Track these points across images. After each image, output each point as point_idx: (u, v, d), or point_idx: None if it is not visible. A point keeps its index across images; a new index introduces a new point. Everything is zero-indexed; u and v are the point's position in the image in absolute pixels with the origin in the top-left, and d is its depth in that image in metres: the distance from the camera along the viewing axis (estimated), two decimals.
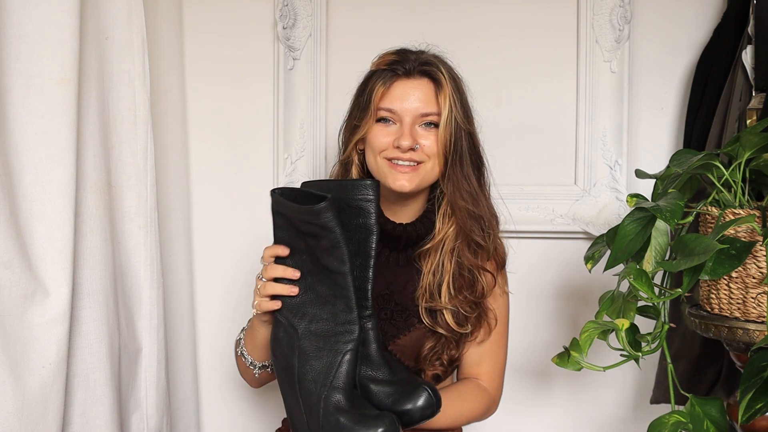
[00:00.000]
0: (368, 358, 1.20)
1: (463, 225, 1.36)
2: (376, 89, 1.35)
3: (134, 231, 1.52)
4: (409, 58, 1.37)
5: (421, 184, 1.36)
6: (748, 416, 1.15)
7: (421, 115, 1.34)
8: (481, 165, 1.41)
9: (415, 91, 1.34)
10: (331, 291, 1.17)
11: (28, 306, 1.22)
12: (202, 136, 1.92)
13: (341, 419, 1.11)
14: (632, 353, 1.23)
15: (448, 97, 1.33)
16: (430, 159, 1.35)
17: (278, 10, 1.85)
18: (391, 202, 1.40)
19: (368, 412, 1.13)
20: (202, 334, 1.93)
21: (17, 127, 1.26)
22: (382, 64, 1.38)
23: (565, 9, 1.79)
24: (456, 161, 1.35)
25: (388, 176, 1.35)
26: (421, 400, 1.15)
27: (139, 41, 1.50)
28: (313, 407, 1.13)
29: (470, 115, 1.39)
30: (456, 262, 1.37)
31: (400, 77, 1.35)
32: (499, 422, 1.83)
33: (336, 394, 1.13)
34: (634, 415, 1.83)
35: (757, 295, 1.22)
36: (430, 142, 1.34)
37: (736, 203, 1.26)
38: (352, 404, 1.13)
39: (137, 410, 1.55)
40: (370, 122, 1.35)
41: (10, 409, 1.17)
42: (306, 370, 1.16)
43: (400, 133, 1.33)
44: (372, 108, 1.35)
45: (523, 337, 1.84)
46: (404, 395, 1.16)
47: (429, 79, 1.35)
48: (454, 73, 1.39)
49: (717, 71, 1.67)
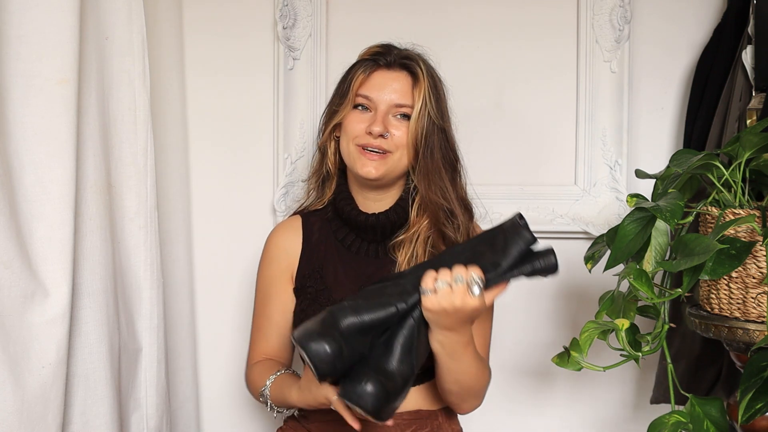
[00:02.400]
0: (390, 342, 1.21)
1: (434, 217, 1.39)
2: (357, 76, 1.40)
3: (134, 231, 1.52)
4: (392, 51, 1.42)
5: (388, 173, 1.39)
6: (748, 416, 1.15)
7: (395, 106, 1.38)
8: (456, 162, 1.43)
9: (393, 83, 1.39)
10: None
11: (28, 306, 1.22)
12: (202, 136, 1.92)
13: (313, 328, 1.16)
14: (632, 353, 1.23)
15: (424, 91, 1.38)
16: (398, 149, 1.38)
17: (278, 10, 1.85)
18: (366, 192, 1.43)
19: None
20: (202, 334, 1.92)
21: (17, 127, 1.26)
22: (366, 54, 1.44)
23: (565, 9, 1.79)
24: (427, 154, 1.38)
25: (357, 162, 1.38)
26: (362, 383, 1.15)
27: (139, 41, 1.50)
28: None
29: (446, 113, 1.42)
30: (429, 252, 1.38)
31: (381, 67, 1.40)
32: (500, 422, 1.84)
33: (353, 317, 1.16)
34: (634, 415, 1.82)
35: (757, 295, 1.22)
36: (400, 133, 1.38)
37: (736, 203, 1.26)
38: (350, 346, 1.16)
39: (137, 410, 1.55)
40: (347, 108, 1.40)
41: (10, 409, 1.17)
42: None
43: (373, 120, 1.37)
44: (351, 94, 1.39)
45: (523, 337, 1.84)
46: (359, 374, 1.17)
47: (408, 73, 1.40)
48: (434, 72, 1.43)
49: (717, 71, 1.67)
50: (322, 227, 1.46)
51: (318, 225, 1.47)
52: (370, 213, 1.42)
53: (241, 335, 1.85)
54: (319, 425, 1.40)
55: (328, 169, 1.47)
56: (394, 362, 1.19)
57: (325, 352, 1.13)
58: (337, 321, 1.16)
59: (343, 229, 1.44)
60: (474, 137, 1.81)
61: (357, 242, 1.43)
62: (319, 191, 1.50)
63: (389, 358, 1.19)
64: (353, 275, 1.42)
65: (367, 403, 1.14)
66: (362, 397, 1.14)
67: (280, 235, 1.49)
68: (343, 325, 1.16)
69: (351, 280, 1.41)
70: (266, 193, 1.90)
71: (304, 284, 1.43)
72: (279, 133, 1.87)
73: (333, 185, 1.46)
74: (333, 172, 1.46)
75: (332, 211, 1.46)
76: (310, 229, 1.47)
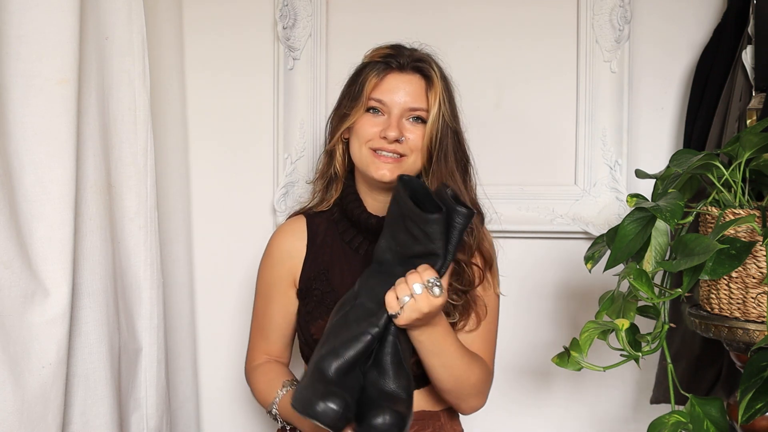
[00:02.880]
0: (379, 362, 1.22)
1: None
2: (369, 79, 1.37)
3: (134, 231, 1.52)
4: (404, 53, 1.40)
5: None
6: (748, 416, 1.15)
7: (409, 109, 1.37)
8: (467, 164, 1.43)
9: (406, 86, 1.37)
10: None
11: (28, 306, 1.22)
12: (202, 136, 1.92)
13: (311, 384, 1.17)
14: (632, 353, 1.23)
15: (439, 94, 1.36)
16: (413, 153, 1.37)
17: (278, 10, 1.85)
18: (376, 194, 1.42)
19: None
20: (202, 334, 1.93)
21: (17, 127, 1.26)
22: (376, 56, 1.41)
23: (565, 9, 1.79)
24: (441, 157, 1.37)
25: (371, 165, 1.37)
26: (378, 419, 1.16)
27: (139, 41, 1.50)
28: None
29: (457, 114, 1.42)
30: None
31: (393, 70, 1.38)
32: (500, 422, 1.84)
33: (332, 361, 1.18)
34: (634, 415, 1.83)
35: (757, 295, 1.22)
36: (415, 137, 1.36)
37: (736, 203, 1.26)
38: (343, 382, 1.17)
39: (137, 410, 1.55)
40: (360, 111, 1.38)
41: (10, 409, 1.17)
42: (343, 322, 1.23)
43: (388, 124, 1.36)
44: (363, 97, 1.37)
45: (523, 337, 1.84)
46: (370, 408, 1.17)
47: (421, 76, 1.38)
48: (445, 72, 1.42)
49: (717, 71, 1.67)
50: (328, 228, 1.45)
51: (324, 226, 1.45)
52: (380, 215, 1.40)
53: (241, 335, 1.85)
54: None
55: (335, 171, 1.45)
56: (391, 383, 1.21)
57: (333, 411, 1.13)
58: (324, 372, 1.16)
59: (351, 230, 1.43)
60: (474, 137, 1.81)
61: (365, 244, 1.42)
62: (324, 193, 1.48)
63: (386, 380, 1.21)
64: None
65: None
66: (385, 430, 1.16)
67: (284, 237, 1.48)
68: (331, 373, 1.16)
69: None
70: (266, 193, 1.90)
71: (310, 286, 1.42)
72: (279, 133, 1.87)
73: (339, 187, 1.45)
74: (341, 174, 1.45)
75: (339, 212, 1.44)
76: (315, 230, 1.46)
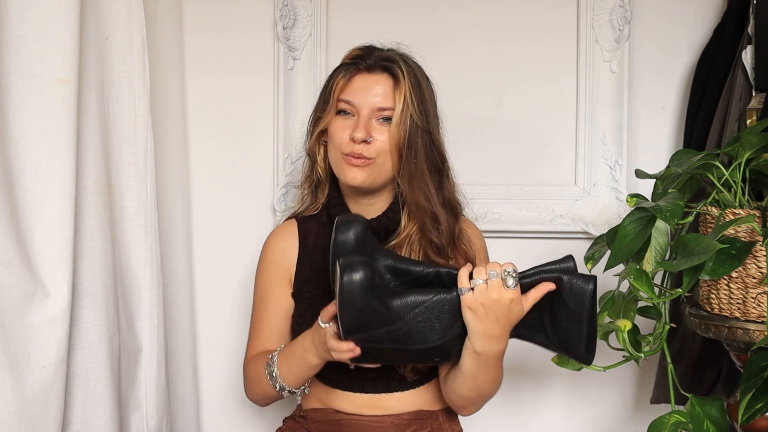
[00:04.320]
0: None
1: (420, 222, 1.38)
2: (337, 81, 1.38)
3: (134, 231, 1.52)
4: (373, 53, 1.40)
5: (373, 178, 1.37)
6: (748, 416, 1.15)
7: (378, 109, 1.36)
8: (442, 163, 1.41)
9: (374, 86, 1.37)
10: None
11: (28, 306, 1.22)
12: (202, 136, 1.92)
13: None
14: (633, 354, 1.23)
15: (404, 93, 1.35)
16: (380, 155, 1.36)
17: (278, 10, 1.85)
18: (357, 198, 1.42)
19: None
20: (202, 334, 1.92)
21: (17, 127, 1.25)
22: (348, 58, 1.42)
23: (564, 9, 1.79)
24: (410, 157, 1.36)
25: (342, 169, 1.38)
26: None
27: (139, 41, 1.50)
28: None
29: (431, 113, 1.39)
30: (424, 253, 1.38)
31: (362, 71, 1.38)
32: (500, 422, 1.84)
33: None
34: (634, 415, 1.83)
35: (757, 295, 1.22)
36: (383, 138, 1.36)
37: (736, 203, 1.26)
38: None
39: (137, 410, 1.55)
40: (331, 114, 1.39)
41: (10, 409, 1.17)
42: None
43: (356, 125, 1.36)
44: (333, 100, 1.38)
45: None
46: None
47: (389, 75, 1.38)
48: (418, 71, 1.40)
49: (717, 71, 1.67)
50: (319, 232, 1.46)
51: (315, 230, 1.46)
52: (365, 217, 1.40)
53: (241, 335, 1.85)
54: (319, 425, 1.40)
55: (318, 175, 1.45)
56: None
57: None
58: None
59: None
60: (474, 137, 1.82)
61: None
62: (313, 197, 1.48)
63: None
64: None
65: None
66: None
67: (278, 239, 1.49)
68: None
69: None
70: (266, 193, 1.90)
71: (302, 288, 1.43)
72: (279, 133, 1.87)
73: (326, 191, 1.45)
74: (324, 178, 1.45)
75: (327, 216, 1.45)
76: (306, 233, 1.47)
